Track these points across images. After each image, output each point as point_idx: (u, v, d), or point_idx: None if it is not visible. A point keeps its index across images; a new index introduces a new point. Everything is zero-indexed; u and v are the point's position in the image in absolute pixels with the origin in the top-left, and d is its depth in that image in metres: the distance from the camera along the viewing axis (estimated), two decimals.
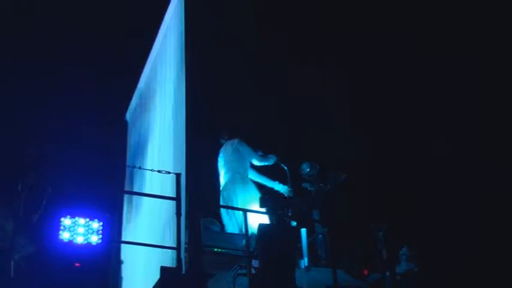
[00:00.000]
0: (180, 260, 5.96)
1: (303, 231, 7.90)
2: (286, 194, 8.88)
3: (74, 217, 5.62)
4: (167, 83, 7.68)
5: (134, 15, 11.35)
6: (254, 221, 7.40)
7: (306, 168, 9.14)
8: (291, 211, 8.08)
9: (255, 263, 6.64)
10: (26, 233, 5.96)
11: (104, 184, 7.09)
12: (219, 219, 8.26)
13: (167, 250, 6.23)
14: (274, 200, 7.52)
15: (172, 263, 6.03)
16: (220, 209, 8.38)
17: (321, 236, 8.15)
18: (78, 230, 5.61)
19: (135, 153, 8.87)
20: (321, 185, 9.05)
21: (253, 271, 6.55)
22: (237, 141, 8.82)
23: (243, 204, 8.13)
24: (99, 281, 5.57)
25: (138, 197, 8.19)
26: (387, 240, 7.44)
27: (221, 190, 8.62)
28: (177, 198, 6.36)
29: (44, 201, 6.13)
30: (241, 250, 7.01)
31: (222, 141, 8.98)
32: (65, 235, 5.54)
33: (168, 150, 7.16)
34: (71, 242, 5.52)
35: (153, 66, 8.75)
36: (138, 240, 7.67)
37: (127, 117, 10.35)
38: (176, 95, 7.14)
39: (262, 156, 8.96)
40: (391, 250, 7.57)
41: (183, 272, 5.89)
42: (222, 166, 8.80)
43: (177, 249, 6.05)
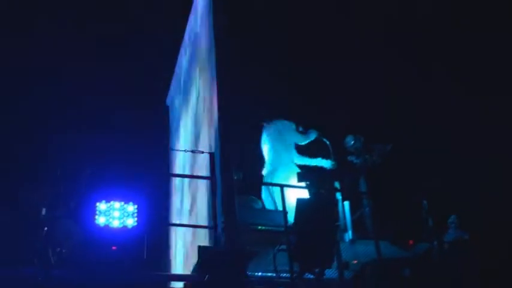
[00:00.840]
0: (218, 238, 5.96)
1: (346, 204, 7.77)
2: (330, 168, 8.75)
3: (109, 201, 5.67)
4: (199, 62, 7.65)
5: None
6: (295, 197, 7.33)
7: (350, 141, 8.97)
8: (335, 184, 8.00)
9: (294, 238, 6.57)
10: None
11: (147, 167, 7.12)
12: (260, 197, 8.24)
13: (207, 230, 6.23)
14: (312, 174, 7.41)
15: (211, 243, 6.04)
16: (262, 187, 8.35)
17: (368, 208, 8.00)
18: (114, 214, 5.65)
19: (174, 135, 8.92)
20: (367, 157, 8.87)
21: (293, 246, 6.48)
22: (279, 123, 8.75)
23: (284, 182, 8.06)
24: (137, 263, 5.60)
25: (180, 179, 8.24)
26: (432, 209, 7.22)
27: (263, 171, 8.59)
28: (212, 178, 6.35)
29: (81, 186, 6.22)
30: (282, 226, 6.93)
31: (264, 123, 8.92)
32: (101, 220, 5.60)
33: (203, 131, 7.16)
34: (107, 226, 5.57)
35: (186, 49, 8.75)
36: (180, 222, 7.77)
37: (167, 102, 10.43)
38: (208, 75, 7.11)
39: (304, 133, 8.85)
40: (438, 219, 7.35)
41: (221, 250, 5.87)
42: (264, 148, 8.75)
43: (214, 228, 6.04)
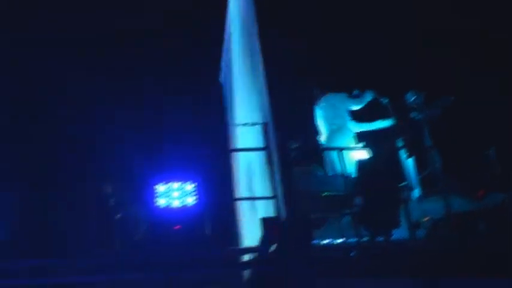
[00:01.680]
0: (279, 209, 5.90)
1: (410, 161, 7.56)
2: (391, 126, 8.52)
3: (167, 183, 5.71)
4: (244, 34, 7.55)
5: None
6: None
7: (411, 97, 8.72)
8: (397, 142, 7.81)
9: (358, 201, 6.45)
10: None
11: (202, 145, 7.14)
12: (321, 165, 8.15)
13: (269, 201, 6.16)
14: (372, 134, 7.23)
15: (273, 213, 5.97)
16: (323, 155, 8.25)
17: (437, 164, 7.75)
18: (173, 194, 5.70)
19: (228, 112, 8.90)
20: (428, 111, 8.60)
21: (358, 209, 6.37)
22: (330, 96, 8.59)
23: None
24: (201, 240, 5.63)
25: (237, 153, 8.22)
26: (502, 157, 6.90)
27: (322, 140, 8.50)
28: (267, 148, 6.28)
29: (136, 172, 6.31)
30: (346, 191, 6.81)
31: (316, 94, 8.78)
32: (161, 201, 5.65)
33: (255, 104, 7.07)
34: (167, 207, 5.62)
35: (230, 25, 8.66)
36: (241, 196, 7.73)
37: (220, 79, 10.40)
38: (253, 45, 6.99)
39: (359, 97, 8.64)
40: (508, 167, 7.02)
41: (284, 220, 5.81)
42: (320, 120, 8.63)
43: (275, 198, 5.98)
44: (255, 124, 6.49)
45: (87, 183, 7.25)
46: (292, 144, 7.57)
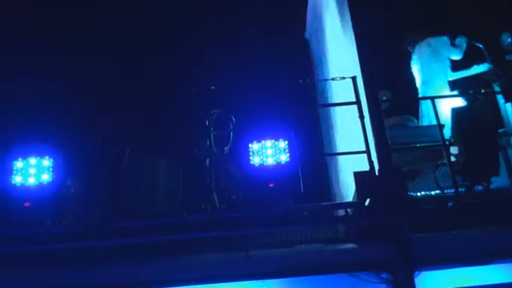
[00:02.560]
0: (372, 162, 5.88)
1: (509, 105, 7.26)
2: (489, 71, 8.18)
3: (260, 141, 5.81)
4: None
5: None
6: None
7: (506, 38, 8.36)
8: (494, 87, 7.52)
9: (455, 150, 6.30)
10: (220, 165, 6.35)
11: (292, 102, 7.17)
12: (416, 116, 8.00)
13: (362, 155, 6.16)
14: (466, 80, 6.97)
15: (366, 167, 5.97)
16: (418, 105, 8.09)
17: None
18: (267, 152, 5.78)
19: (316, 69, 8.87)
20: None
21: (454, 159, 6.22)
22: (431, 39, 8.32)
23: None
24: (296, 197, 5.72)
25: (328, 109, 8.23)
26: None
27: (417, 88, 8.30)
28: (357, 102, 6.24)
29: (231, 132, 6.44)
30: (441, 141, 6.65)
31: (409, 48, 8.54)
32: (256, 160, 5.76)
33: (344, 59, 7.01)
34: (261, 165, 5.72)
35: None
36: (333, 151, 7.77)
37: (307, 35, 10.33)
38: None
39: (455, 46, 8.33)
40: None
41: (377, 173, 5.79)
42: (415, 69, 8.40)
43: (367, 152, 5.96)
44: (344, 78, 6.45)
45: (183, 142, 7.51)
46: (383, 96, 7.46)
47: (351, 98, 6.37)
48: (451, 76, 8.14)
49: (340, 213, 6.31)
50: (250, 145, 5.80)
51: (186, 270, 5.57)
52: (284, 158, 5.75)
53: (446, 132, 6.54)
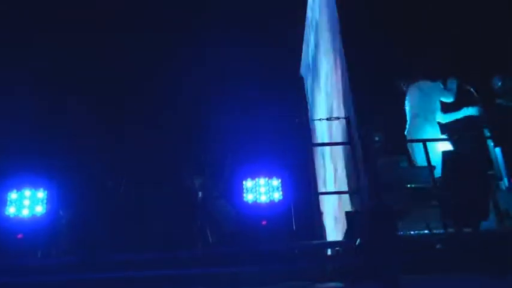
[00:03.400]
0: (364, 202, 5.96)
1: (498, 150, 7.37)
2: (478, 114, 8.33)
3: (254, 179, 5.88)
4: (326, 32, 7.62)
5: None
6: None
7: (497, 82, 8.49)
8: (484, 131, 7.63)
9: (445, 192, 6.38)
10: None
11: (286, 141, 7.28)
12: (405, 157, 8.09)
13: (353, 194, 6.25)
14: (456, 123, 7.09)
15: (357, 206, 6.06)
16: (407, 146, 8.19)
17: None
18: (260, 189, 5.86)
19: (310, 109, 8.99)
20: None
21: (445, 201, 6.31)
22: (422, 83, 8.47)
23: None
24: (287, 235, 5.78)
25: (321, 150, 8.33)
26: None
27: (406, 131, 8.42)
28: (350, 143, 6.35)
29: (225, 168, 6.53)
30: (431, 182, 6.76)
31: (403, 87, 8.69)
32: (249, 197, 5.83)
33: (336, 102, 7.15)
34: (255, 202, 5.79)
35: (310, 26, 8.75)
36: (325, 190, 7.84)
37: (302, 73, 10.51)
38: (336, 43, 7.07)
39: (447, 89, 8.49)
40: None
41: (367, 212, 5.86)
42: (409, 111, 8.52)
43: (358, 192, 6.05)
44: (338, 118, 6.58)
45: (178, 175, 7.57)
46: (375, 137, 7.58)
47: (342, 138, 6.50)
48: (442, 118, 8.27)
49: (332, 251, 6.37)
50: (244, 182, 5.88)
51: None
52: (277, 196, 5.82)
53: (437, 175, 6.65)
